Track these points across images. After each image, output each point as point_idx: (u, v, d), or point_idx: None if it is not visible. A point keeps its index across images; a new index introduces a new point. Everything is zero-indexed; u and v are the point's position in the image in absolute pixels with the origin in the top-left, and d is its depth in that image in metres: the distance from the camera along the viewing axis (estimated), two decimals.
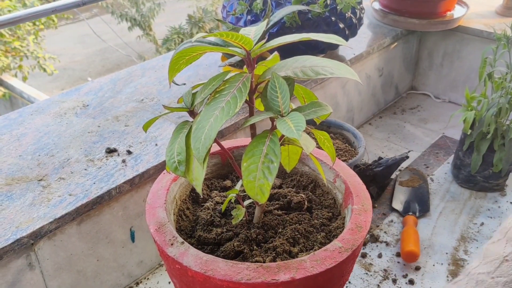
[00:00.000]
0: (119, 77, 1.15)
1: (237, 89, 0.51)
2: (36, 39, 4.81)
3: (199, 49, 0.52)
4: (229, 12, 1.12)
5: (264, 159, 0.50)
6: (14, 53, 4.64)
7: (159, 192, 0.67)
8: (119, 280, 0.87)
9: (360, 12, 1.17)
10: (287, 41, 0.52)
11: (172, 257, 0.57)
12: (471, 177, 1.09)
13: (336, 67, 0.52)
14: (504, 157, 1.02)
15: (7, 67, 4.56)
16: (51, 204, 0.75)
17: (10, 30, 4.52)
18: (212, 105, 0.51)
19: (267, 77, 0.53)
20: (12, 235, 0.69)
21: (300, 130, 0.47)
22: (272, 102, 0.52)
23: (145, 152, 0.87)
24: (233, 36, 0.49)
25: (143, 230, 0.88)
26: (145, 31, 5.48)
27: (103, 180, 0.80)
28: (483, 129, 1.02)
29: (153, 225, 0.61)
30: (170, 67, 0.53)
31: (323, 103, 0.54)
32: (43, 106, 1.02)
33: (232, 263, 0.55)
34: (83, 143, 0.90)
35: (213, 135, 0.49)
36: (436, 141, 1.30)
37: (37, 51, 4.72)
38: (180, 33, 4.78)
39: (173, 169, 0.54)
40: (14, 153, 0.87)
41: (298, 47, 1.06)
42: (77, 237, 0.78)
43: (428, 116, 1.43)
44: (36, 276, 0.74)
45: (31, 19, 1.06)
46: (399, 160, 1.07)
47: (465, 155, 1.08)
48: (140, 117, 0.98)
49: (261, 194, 0.50)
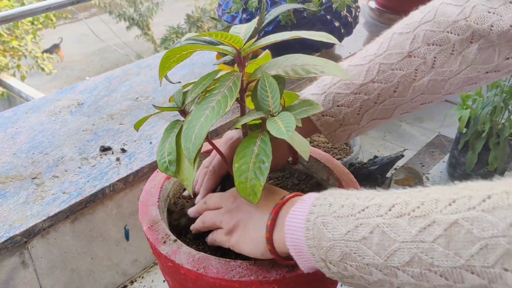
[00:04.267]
0: (115, 75, 1.15)
1: (227, 88, 0.51)
2: (34, 38, 4.82)
3: (190, 47, 0.52)
4: (224, 10, 1.12)
5: (255, 160, 0.50)
6: (12, 52, 4.64)
7: (152, 190, 0.67)
8: (114, 278, 0.87)
9: (355, 10, 1.17)
10: (277, 39, 0.52)
11: (164, 255, 0.57)
12: (467, 176, 1.09)
13: (327, 65, 0.52)
14: (499, 156, 1.02)
15: (5, 67, 4.56)
16: (44, 202, 0.75)
17: (8, 30, 4.52)
18: (203, 105, 0.50)
19: (258, 75, 0.53)
20: (5, 233, 0.69)
21: (290, 130, 0.47)
22: (262, 102, 0.52)
23: (139, 150, 0.87)
24: (223, 35, 0.49)
25: (138, 228, 0.88)
26: (144, 31, 5.48)
27: (97, 178, 0.80)
28: (478, 128, 1.02)
29: (146, 223, 0.61)
30: (160, 65, 0.53)
31: (314, 102, 0.54)
32: (37, 104, 1.02)
33: (224, 261, 0.55)
34: (77, 141, 0.90)
35: (203, 134, 0.49)
36: (432, 140, 1.30)
37: (35, 51, 4.72)
38: (178, 33, 4.78)
39: (164, 169, 0.54)
40: (8, 151, 0.87)
41: (293, 46, 1.06)
42: (71, 235, 0.78)
43: (424, 115, 1.43)
44: (30, 274, 0.74)
45: (25, 17, 1.06)
46: (394, 159, 1.07)
47: (461, 153, 1.08)
48: (135, 116, 0.98)
49: (253, 195, 0.50)
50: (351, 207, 0.44)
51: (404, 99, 0.63)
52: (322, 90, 0.65)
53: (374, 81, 0.62)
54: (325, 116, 0.64)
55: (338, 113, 0.64)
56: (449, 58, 0.59)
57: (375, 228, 0.41)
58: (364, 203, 0.44)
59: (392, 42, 0.63)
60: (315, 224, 0.45)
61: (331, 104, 0.64)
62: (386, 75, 0.62)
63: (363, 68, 0.63)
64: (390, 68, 0.62)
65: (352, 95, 0.63)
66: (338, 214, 0.44)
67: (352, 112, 0.64)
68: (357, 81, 0.63)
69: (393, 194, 0.43)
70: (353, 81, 0.63)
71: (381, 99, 0.63)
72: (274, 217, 0.50)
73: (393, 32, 0.64)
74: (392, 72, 0.61)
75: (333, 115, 0.64)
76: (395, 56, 0.62)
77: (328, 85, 0.65)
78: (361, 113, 0.64)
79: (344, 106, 0.63)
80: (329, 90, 0.64)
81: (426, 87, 0.62)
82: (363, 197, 0.45)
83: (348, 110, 0.63)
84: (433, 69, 0.60)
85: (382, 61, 0.62)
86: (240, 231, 0.54)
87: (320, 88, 0.65)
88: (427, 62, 0.60)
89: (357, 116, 0.64)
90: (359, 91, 0.63)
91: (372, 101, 0.63)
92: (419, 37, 0.60)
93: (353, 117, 0.64)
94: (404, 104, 0.64)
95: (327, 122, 0.65)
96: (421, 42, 0.60)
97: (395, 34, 0.63)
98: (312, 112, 0.53)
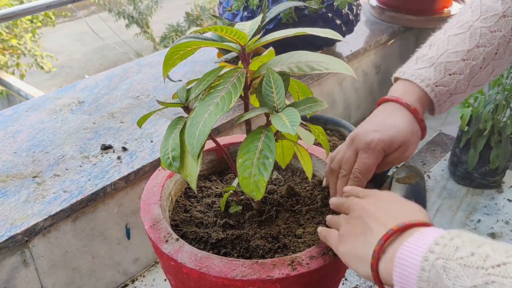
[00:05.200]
0: (115, 73, 1.15)
1: (231, 84, 0.50)
2: (33, 36, 4.80)
3: (194, 44, 0.52)
4: (225, 8, 1.11)
5: (259, 155, 0.50)
6: (12, 50, 4.63)
7: (154, 189, 0.67)
8: (115, 277, 0.87)
9: (357, 8, 1.17)
10: (282, 35, 0.52)
11: (166, 253, 0.56)
12: (468, 174, 1.08)
13: (332, 62, 0.52)
14: (501, 154, 1.01)
15: (5, 65, 4.55)
16: (45, 201, 0.75)
17: (7, 28, 4.51)
18: (207, 101, 0.50)
19: (262, 72, 0.53)
20: (6, 232, 0.69)
21: (295, 125, 0.47)
22: (267, 98, 0.52)
23: (141, 148, 0.87)
24: (228, 30, 0.49)
25: (139, 227, 0.87)
26: (143, 29, 5.47)
27: (98, 177, 0.80)
28: (480, 126, 1.02)
29: (148, 222, 0.61)
30: (164, 62, 0.53)
31: (318, 99, 0.54)
32: (38, 102, 1.02)
33: (227, 260, 0.55)
34: (78, 140, 0.89)
35: (207, 130, 0.48)
36: (433, 138, 1.30)
37: (34, 49, 4.71)
38: (178, 31, 4.77)
39: (167, 165, 0.54)
40: (9, 150, 0.86)
41: (295, 44, 1.06)
42: (72, 234, 0.78)
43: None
44: (31, 273, 0.74)
45: (25, 15, 1.05)
46: None
47: (462, 152, 1.08)
48: (136, 114, 0.98)
49: (256, 191, 0.50)
50: (484, 258, 0.37)
51: (502, 61, 0.65)
52: (429, 62, 0.65)
53: (479, 46, 0.64)
54: (438, 86, 0.64)
55: (450, 81, 0.64)
56: None
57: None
58: (501, 258, 0.37)
59: (483, 7, 0.64)
60: (434, 266, 0.39)
61: (443, 74, 0.64)
62: (488, 38, 0.63)
63: (465, 35, 0.64)
64: (489, 30, 0.63)
65: (462, 62, 0.64)
66: (465, 262, 0.38)
67: (464, 79, 0.64)
68: (463, 47, 0.64)
69: None
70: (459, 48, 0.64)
71: (485, 63, 0.64)
72: (383, 243, 0.45)
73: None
74: (492, 35, 0.63)
75: (446, 84, 0.64)
76: (491, 18, 0.63)
77: (435, 57, 0.65)
78: (469, 79, 0.65)
79: (456, 74, 0.64)
80: (438, 60, 0.64)
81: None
82: (501, 251, 0.38)
83: (460, 77, 0.64)
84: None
85: (481, 25, 0.64)
86: (350, 244, 0.50)
87: (426, 61, 0.65)
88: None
89: (466, 82, 0.65)
90: (467, 57, 0.64)
91: (478, 66, 0.64)
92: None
93: (464, 84, 0.65)
94: (500, 66, 0.66)
95: (440, 92, 0.65)
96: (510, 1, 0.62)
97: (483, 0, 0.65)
98: (317, 109, 0.53)
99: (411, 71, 0.65)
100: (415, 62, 0.66)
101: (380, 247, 0.45)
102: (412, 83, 0.65)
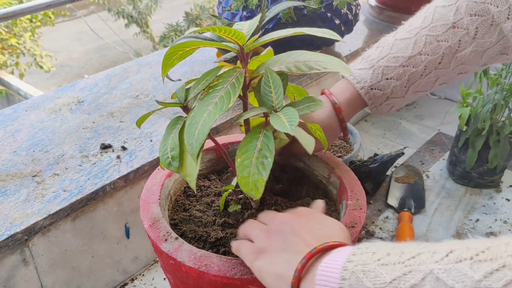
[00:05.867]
0: (114, 73, 1.15)
1: (230, 84, 0.50)
2: (33, 36, 4.80)
3: (193, 44, 0.52)
4: (224, 8, 1.11)
5: (258, 155, 0.50)
6: (11, 50, 4.63)
7: (153, 188, 0.67)
8: (114, 276, 0.87)
9: (356, 8, 1.17)
10: (280, 35, 0.52)
11: (166, 252, 0.56)
12: (467, 174, 1.09)
13: (330, 62, 0.52)
14: (499, 154, 1.02)
15: (4, 64, 4.55)
16: (45, 200, 0.75)
17: (7, 27, 4.51)
18: (206, 100, 0.50)
19: (261, 72, 0.53)
20: (6, 231, 0.69)
21: (294, 125, 0.47)
22: (266, 97, 0.52)
23: (140, 148, 0.87)
24: (226, 30, 0.49)
25: (138, 226, 0.88)
26: (142, 28, 5.47)
27: (98, 176, 0.80)
28: (478, 126, 1.02)
29: (147, 221, 0.61)
30: (163, 62, 0.53)
31: (317, 98, 0.54)
32: (37, 102, 1.02)
33: (226, 259, 0.55)
34: (77, 139, 0.90)
35: (206, 130, 0.48)
36: (432, 137, 1.30)
37: (34, 48, 4.70)
38: (177, 30, 4.77)
39: (167, 164, 0.54)
40: (9, 149, 0.86)
41: (293, 44, 1.06)
42: (72, 233, 0.78)
43: (424, 113, 1.43)
44: (30, 272, 0.74)
45: (24, 14, 1.05)
46: (394, 157, 1.07)
47: (461, 151, 1.08)
48: (135, 113, 0.98)
49: (255, 190, 0.50)
50: (399, 254, 0.39)
51: (447, 70, 0.65)
52: (370, 64, 0.66)
53: (422, 53, 0.64)
54: (373, 89, 0.65)
55: (386, 86, 0.65)
56: (489, 29, 0.61)
57: (427, 274, 0.36)
58: (415, 250, 0.39)
59: (436, 14, 0.64)
60: (353, 273, 0.40)
61: (380, 77, 0.65)
62: (432, 46, 0.63)
63: (410, 41, 0.65)
64: (435, 39, 0.63)
65: (401, 68, 0.64)
66: (383, 262, 0.39)
67: (400, 85, 0.65)
68: (405, 53, 0.64)
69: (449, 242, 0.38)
70: (401, 54, 0.64)
71: (427, 71, 0.65)
72: (306, 262, 0.45)
73: (435, 6, 0.66)
74: (437, 44, 0.63)
75: (381, 88, 0.65)
76: (440, 27, 0.63)
77: (376, 59, 0.66)
78: (408, 85, 0.65)
79: (393, 79, 0.64)
80: (378, 64, 0.65)
81: (468, 57, 0.63)
82: (413, 246, 0.40)
83: (397, 83, 0.65)
84: (474, 40, 0.62)
85: (428, 33, 0.64)
86: (268, 259, 0.49)
87: (367, 63, 0.66)
88: (470, 32, 0.62)
89: (404, 88, 0.66)
90: (407, 63, 0.64)
91: (419, 74, 0.65)
92: (462, 8, 0.62)
93: (401, 90, 0.66)
94: (445, 75, 0.66)
95: (375, 95, 0.66)
96: (463, 13, 0.62)
97: (438, 7, 0.65)
98: (315, 108, 0.53)
99: (353, 70, 0.67)
100: (360, 61, 0.68)
101: (303, 265, 0.44)
102: (349, 82, 0.67)
